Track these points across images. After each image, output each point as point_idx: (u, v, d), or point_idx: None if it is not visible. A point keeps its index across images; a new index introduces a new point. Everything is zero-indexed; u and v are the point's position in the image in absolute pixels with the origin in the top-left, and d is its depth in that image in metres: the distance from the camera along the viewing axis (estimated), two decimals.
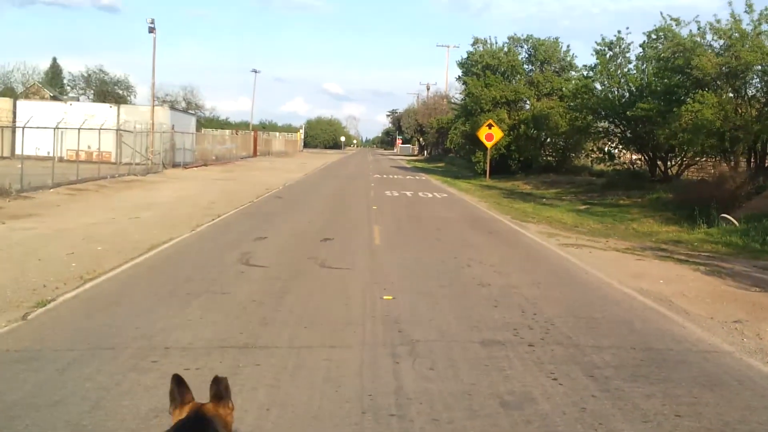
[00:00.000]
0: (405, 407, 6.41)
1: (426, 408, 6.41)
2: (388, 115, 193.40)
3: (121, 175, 34.74)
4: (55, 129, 31.63)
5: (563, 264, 15.22)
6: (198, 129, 68.42)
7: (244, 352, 7.88)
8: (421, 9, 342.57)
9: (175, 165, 46.02)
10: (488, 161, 49.37)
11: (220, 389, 3.32)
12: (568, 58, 54.76)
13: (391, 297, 10.90)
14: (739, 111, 28.42)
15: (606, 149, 43.18)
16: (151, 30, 44.37)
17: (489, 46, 56.13)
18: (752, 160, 29.79)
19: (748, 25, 28.49)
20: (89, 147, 38.12)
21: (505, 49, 55.60)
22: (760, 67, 28.07)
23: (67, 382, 6.83)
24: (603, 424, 6.20)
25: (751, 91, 30.09)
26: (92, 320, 9.08)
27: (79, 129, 33.35)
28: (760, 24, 28.40)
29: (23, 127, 27.87)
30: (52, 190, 26.08)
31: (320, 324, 9.20)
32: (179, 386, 3.28)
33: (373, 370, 7.47)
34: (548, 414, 6.39)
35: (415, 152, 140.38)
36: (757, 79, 29.50)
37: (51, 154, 31.88)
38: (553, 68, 54.60)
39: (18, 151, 26.44)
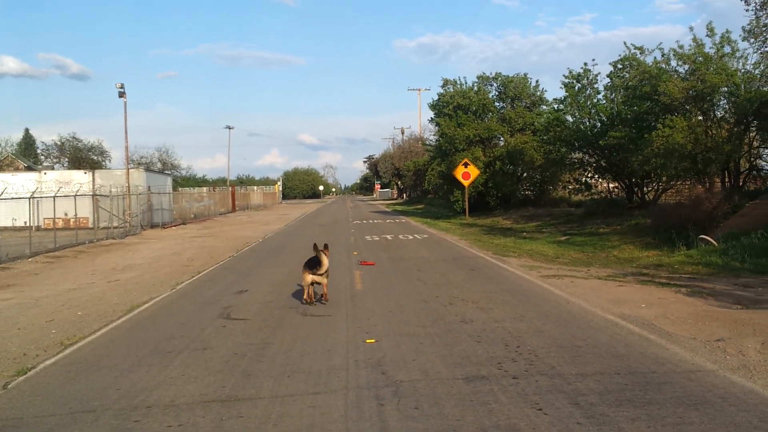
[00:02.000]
0: None
1: None
2: (364, 161, 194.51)
3: (100, 239, 34.60)
4: (30, 198, 31.50)
5: (545, 295, 15.22)
6: (175, 188, 68.40)
7: (226, 405, 7.81)
8: (389, 55, 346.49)
9: (153, 225, 45.94)
10: (466, 199, 49.57)
11: None
12: (538, 93, 55.31)
13: (373, 340, 10.87)
14: (710, 133, 28.72)
15: (582, 179, 43.44)
16: (121, 95, 44.44)
17: (459, 86, 56.66)
18: (726, 180, 30.05)
19: (710, 48, 28.98)
20: (66, 214, 37.93)
21: (475, 88, 56.13)
22: (726, 89, 28.46)
23: None
24: None
25: (719, 113, 30.46)
26: (73, 385, 9.00)
27: (54, 197, 33.22)
28: (722, 46, 28.85)
29: None
30: (30, 259, 25.93)
31: (303, 372, 9.14)
32: None
33: (357, 413, 7.42)
34: None
35: (395, 196, 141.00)
36: (725, 101, 29.86)
37: (28, 224, 31.70)
38: (524, 103, 55.05)
39: None
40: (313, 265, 14.06)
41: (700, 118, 29.85)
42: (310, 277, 14.11)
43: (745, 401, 7.51)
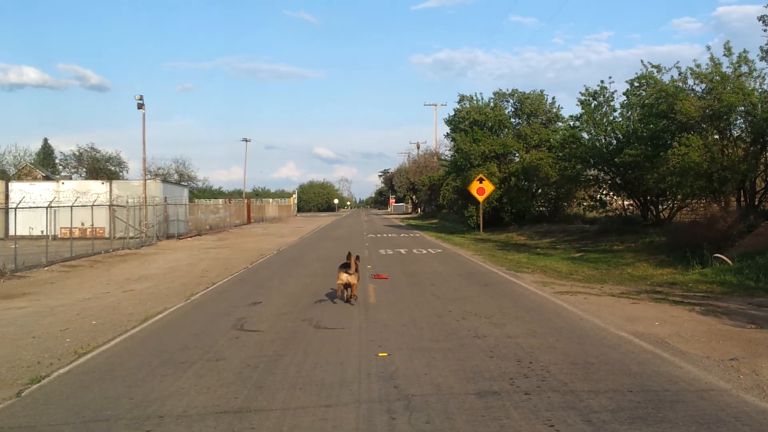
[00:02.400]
0: None
1: None
2: (380, 176, 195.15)
3: (115, 249, 34.79)
4: (47, 208, 31.74)
5: (559, 312, 15.19)
6: (191, 200, 68.72)
7: (238, 417, 7.84)
8: (406, 70, 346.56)
9: (169, 236, 46.12)
10: (481, 215, 49.57)
11: None
12: (554, 110, 55.37)
13: (386, 354, 10.88)
14: (726, 152, 28.65)
15: (597, 196, 43.37)
16: (140, 106, 44.74)
17: (475, 102, 56.80)
18: (742, 199, 29.94)
19: (728, 68, 28.97)
20: (83, 224, 38.13)
21: (491, 104, 56.24)
22: (743, 108, 28.41)
23: None
24: None
25: (735, 132, 30.42)
26: (86, 394, 9.05)
27: (71, 206, 33.43)
28: (739, 66, 28.84)
29: (16, 208, 28.06)
30: (46, 268, 26.09)
31: (315, 385, 9.16)
32: None
33: (369, 426, 7.44)
34: None
35: (409, 210, 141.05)
36: (741, 120, 29.84)
37: (45, 233, 31.91)
38: (539, 120, 55.06)
39: (12, 232, 26.51)
40: (346, 267, 16.28)
41: (717, 136, 29.78)
42: (344, 277, 16.21)
43: (759, 421, 7.48)
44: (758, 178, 30.37)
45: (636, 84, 35.18)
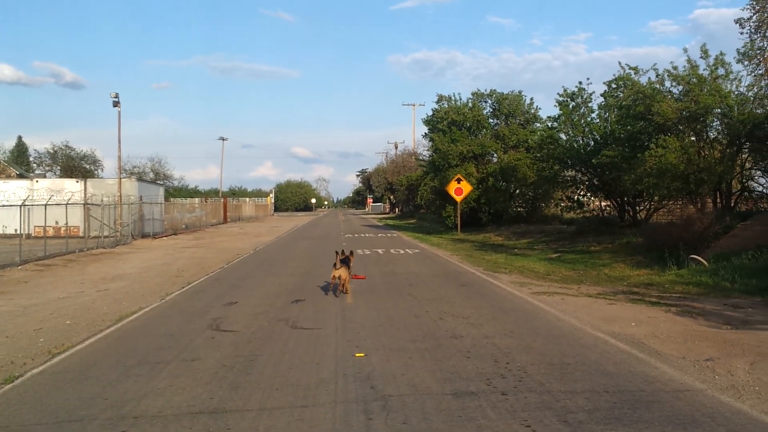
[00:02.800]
0: None
1: None
2: (357, 175, 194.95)
3: (90, 248, 34.49)
4: (21, 206, 31.45)
5: (536, 312, 15.21)
6: (167, 198, 68.36)
7: (214, 417, 7.77)
8: (384, 70, 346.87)
9: (144, 235, 45.86)
10: (459, 215, 49.65)
11: None
12: (532, 110, 55.53)
13: (363, 354, 10.84)
14: (702, 154, 28.87)
15: (575, 197, 43.55)
16: (116, 104, 44.41)
17: (453, 102, 56.88)
18: (718, 200, 30.17)
19: (704, 70, 29.23)
20: (57, 222, 37.86)
21: (470, 104, 56.34)
22: (719, 110, 28.63)
23: None
24: None
25: (712, 134, 30.65)
26: (60, 394, 8.94)
27: (45, 205, 33.16)
28: (716, 68, 29.08)
29: None
30: (20, 267, 25.83)
31: (292, 385, 9.10)
32: None
33: (346, 427, 7.40)
34: None
35: (387, 210, 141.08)
36: (718, 122, 30.06)
37: (18, 232, 31.64)
38: (517, 121, 55.21)
39: None
40: (342, 263, 18.01)
41: (693, 138, 30.02)
42: (335, 272, 17.73)
43: (734, 421, 7.51)
44: (734, 180, 30.64)
45: (614, 85, 35.44)
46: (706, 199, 29.85)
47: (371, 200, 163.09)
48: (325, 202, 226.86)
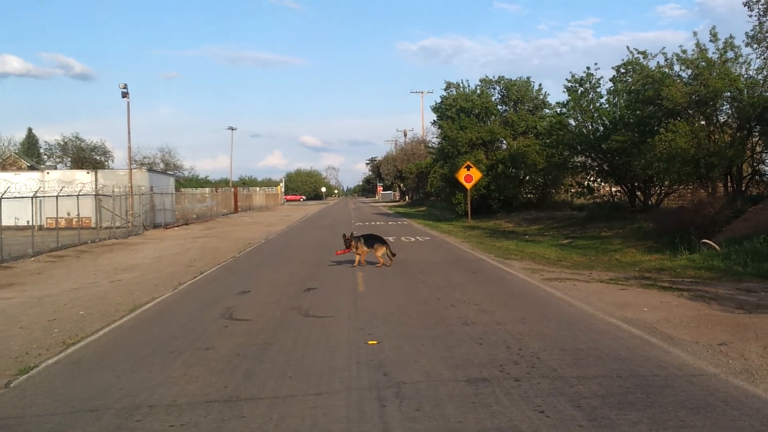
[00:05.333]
0: None
1: None
2: (367, 164, 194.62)
3: (102, 239, 34.64)
4: (33, 198, 31.58)
5: (547, 298, 15.21)
6: (177, 189, 68.43)
7: (228, 406, 7.81)
8: (392, 58, 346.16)
9: (155, 226, 45.96)
10: (469, 202, 49.53)
11: None
12: (541, 96, 55.25)
13: (375, 342, 10.87)
14: (712, 138, 28.72)
15: (585, 183, 43.37)
16: (125, 95, 44.46)
17: (462, 89, 56.63)
18: (729, 184, 30.01)
19: (714, 53, 29.01)
20: (68, 214, 37.95)
21: (478, 91, 56.09)
22: (729, 94, 28.47)
23: None
24: None
25: (722, 118, 30.45)
26: (75, 384, 9.01)
27: (57, 196, 33.24)
28: (725, 52, 28.88)
29: (1, 198, 27.82)
30: (32, 258, 25.97)
31: (305, 373, 9.14)
32: None
33: (359, 414, 7.43)
34: None
35: (397, 198, 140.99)
36: (727, 106, 29.85)
37: (30, 224, 31.77)
38: (526, 107, 54.97)
39: None
40: (373, 242, 21.73)
41: (703, 122, 29.84)
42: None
43: (748, 405, 7.50)
44: (745, 163, 30.44)
45: (622, 70, 35.29)
46: (717, 184, 29.70)
47: (381, 188, 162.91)
48: (335, 191, 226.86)
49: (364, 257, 21.53)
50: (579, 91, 38.94)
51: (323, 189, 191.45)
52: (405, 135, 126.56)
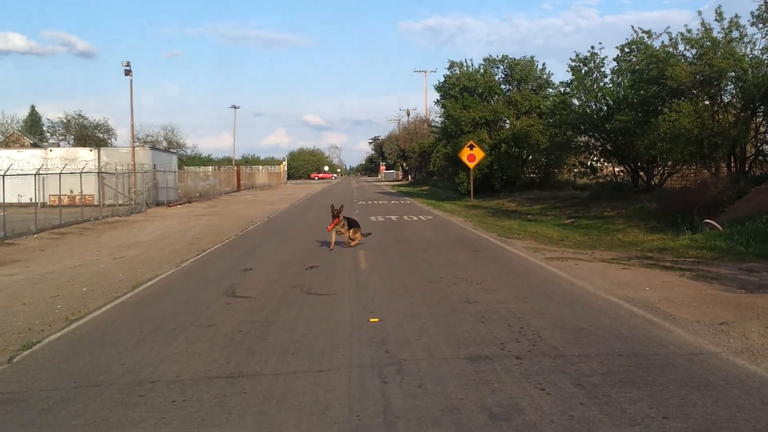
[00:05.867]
0: (393, 425, 6.40)
1: (414, 425, 6.40)
2: (370, 143, 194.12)
3: (105, 216, 34.69)
4: (36, 175, 31.57)
5: (549, 277, 15.23)
6: (180, 167, 68.39)
7: (230, 382, 7.84)
8: (395, 37, 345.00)
9: (158, 203, 45.96)
10: (471, 181, 49.47)
11: None
12: (545, 76, 55.11)
13: (377, 319, 10.89)
14: (716, 118, 28.64)
15: (588, 163, 43.31)
16: (127, 73, 44.49)
17: (465, 68, 56.46)
18: (732, 164, 29.94)
19: (718, 33, 28.83)
20: (71, 191, 37.92)
21: (481, 70, 55.92)
22: (733, 74, 28.36)
23: (53, 420, 6.81)
24: (591, 430, 6.21)
25: (726, 98, 30.32)
26: (78, 359, 9.04)
27: (60, 174, 33.22)
28: (730, 31, 28.72)
29: (3, 175, 27.85)
30: (35, 235, 26.00)
31: (307, 350, 9.17)
32: None
33: (361, 390, 7.45)
34: (536, 423, 6.38)
35: (399, 177, 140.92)
36: (732, 86, 29.73)
37: (33, 201, 31.77)
38: (530, 86, 54.85)
39: (0, 200, 26.36)
40: (351, 225, 21.42)
41: (707, 102, 29.73)
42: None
43: (748, 384, 7.52)
44: (748, 144, 30.37)
45: (626, 50, 35.07)
46: (720, 164, 29.63)
47: (384, 167, 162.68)
48: (338, 170, 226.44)
49: (347, 238, 21.03)
50: (583, 71, 38.83)
51: (326, 168, 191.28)
52: (408, 114, 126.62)
